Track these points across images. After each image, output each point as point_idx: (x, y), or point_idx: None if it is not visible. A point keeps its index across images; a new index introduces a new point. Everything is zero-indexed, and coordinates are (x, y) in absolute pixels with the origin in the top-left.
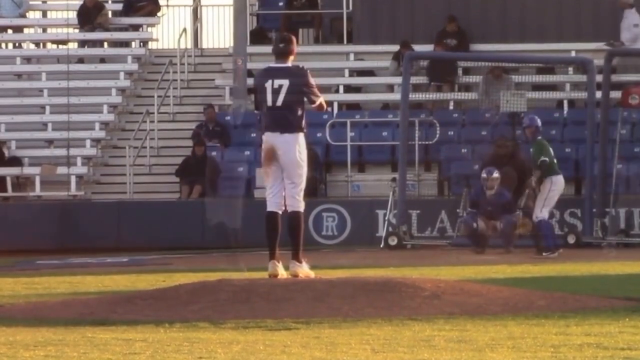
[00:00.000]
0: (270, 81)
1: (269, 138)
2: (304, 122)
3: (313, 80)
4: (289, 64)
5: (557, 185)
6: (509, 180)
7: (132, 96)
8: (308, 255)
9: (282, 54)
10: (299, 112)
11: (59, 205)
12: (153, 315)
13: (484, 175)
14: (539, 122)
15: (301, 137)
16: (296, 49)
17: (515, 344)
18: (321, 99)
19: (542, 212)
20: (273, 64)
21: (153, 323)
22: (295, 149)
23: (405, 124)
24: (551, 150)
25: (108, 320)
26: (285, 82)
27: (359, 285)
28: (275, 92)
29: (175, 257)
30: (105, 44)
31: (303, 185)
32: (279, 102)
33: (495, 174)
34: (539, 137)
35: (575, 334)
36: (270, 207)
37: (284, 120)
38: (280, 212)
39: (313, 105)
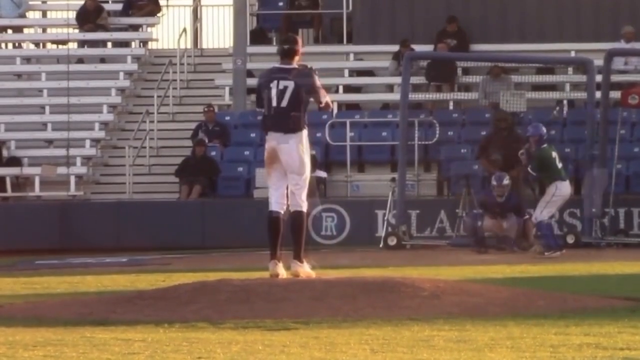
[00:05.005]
0: (275, 82)
1: (272, 138)
2: (305, 120)
3: (319, 80)
4: (294, 64)
5: (561, 191)
6: (514, 184)
7: (132, 96)
8: (307, 255)
9: (287, 54)
10: (302, 112)
11: (58, 206)
12: (152, 315)
13: (494, 182)
14: (543, 130)
15: (304, 135)
16: (301, 49)
17: (514, 343)
18: (327, 99)
19: (542, 214)
20: (278, 65)
21: (152, 323)
22: (298, 148)
23: (404, 124)
24: (555, 155)
25: (107, 320)
26: (291, 84)
27: (358, 285)
28: (280, 93)
29: (175, 257)
30: (109, 44)
31: (306, 185)
32: (284, 104)
33: (505, 181)
34: (544, 145)
35: (574, 334)
36: (272, 207)
37: (287, 120)
38: (282, 212)
39: (320, 105)
